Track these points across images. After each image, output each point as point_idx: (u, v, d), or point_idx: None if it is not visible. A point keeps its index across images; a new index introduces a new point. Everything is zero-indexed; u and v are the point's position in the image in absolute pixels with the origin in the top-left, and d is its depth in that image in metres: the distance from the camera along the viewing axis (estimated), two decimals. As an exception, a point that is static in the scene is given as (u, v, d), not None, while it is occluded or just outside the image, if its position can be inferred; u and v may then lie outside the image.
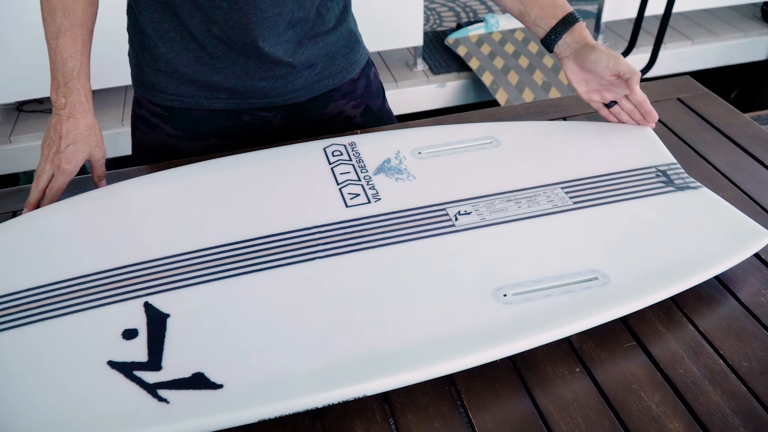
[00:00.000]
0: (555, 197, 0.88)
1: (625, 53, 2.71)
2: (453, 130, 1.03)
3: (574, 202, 0.87)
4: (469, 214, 0.85)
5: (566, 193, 0.88)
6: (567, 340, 0.75)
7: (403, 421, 0.68)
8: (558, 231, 0.83)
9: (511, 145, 0.98)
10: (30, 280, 0.78)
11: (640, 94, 0.99)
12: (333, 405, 0.68)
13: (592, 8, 2.99)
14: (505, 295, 0.74)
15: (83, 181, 1.03)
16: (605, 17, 2.77)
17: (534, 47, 2.71)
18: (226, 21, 0.97)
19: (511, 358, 0.73)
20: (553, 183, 0.90)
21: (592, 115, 1.13)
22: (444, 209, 0.86)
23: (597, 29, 2.80)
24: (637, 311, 0.75)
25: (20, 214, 0.96)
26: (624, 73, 0.96)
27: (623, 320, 0.77)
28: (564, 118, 1.13)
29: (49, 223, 0.88)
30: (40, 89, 2.54)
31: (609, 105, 1.02)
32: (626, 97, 1.00)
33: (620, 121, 1.03)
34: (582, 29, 1.00)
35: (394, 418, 0.69)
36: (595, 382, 0.71)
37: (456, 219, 0.85)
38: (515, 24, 2.83)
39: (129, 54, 1.10)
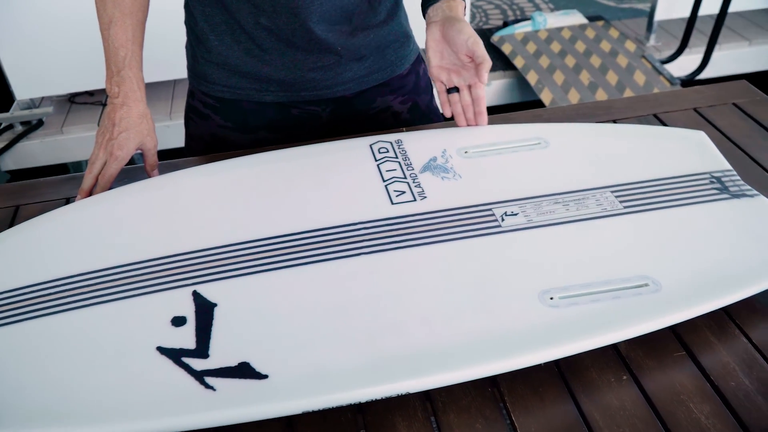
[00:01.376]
0: (605, 201, 0.86)
1: (677, 53, 2.66)
2: (500, 130, 1.02)
3: (625, 207, 0.85)
4: (515, 215, 0.85)
5: (616, 196, 0.87)
6: (614, 347, 0.74)
7: (444, 420, 0.68)
8: (607, 235, 0.82)
9: (560, 147, 0.97)
10: (84, 265, 0.80)
11: (481, 89, 0.98)
12: (375, 401, 0.68)
13: (644, 6, 2.94)
14: (551, 298, 0.73)
15: (135, 170, 1.06)
16: (658, 16, 2.71)
17: (581, 46, 2.67)
18: (274, 8, 0.98)
19: (556, 362, 0.72)
20: (602, 186, 0.89)
21: (644, 119, 1.11)
22: (490, 209, 0.86)
23: (649, 28, 2.75)
24: (687, 320, 0.74)
25: (73, 200, 0.99)
26: (478, 57, 0.94)
27: (673, 329, 0.75)
28: (614, 121, 1.11)
29: (102, 211, 0.90)
30: (92, 82, 2.60)
31: (450, 91, 1.00)
32: (469, 89, 0.99)
33: (452, 113, 1.01)
34: (460, 4, 0.99)
35: (435, 416, 0.69)
36: (643, 391, 0.70)
37: (502, 220, 0.84)
38: (563, 22, 2.79)
39: (186, 46, 1.12)
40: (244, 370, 0.67)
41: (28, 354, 0.71)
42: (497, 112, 1.10)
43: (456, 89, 1.00)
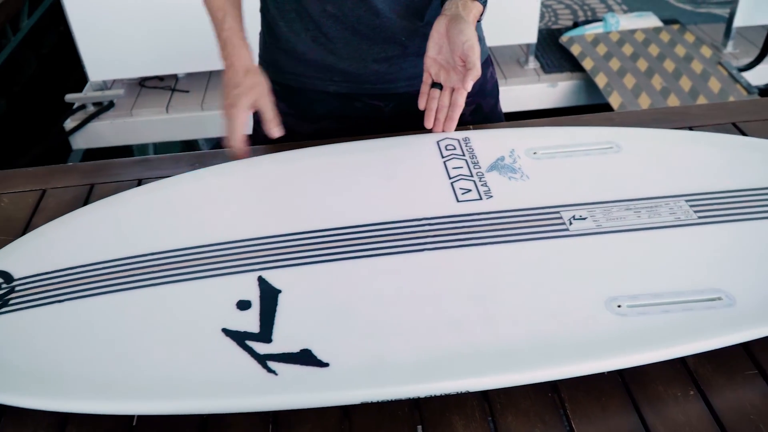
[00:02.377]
0: (678, 210, 0.84)
1: (756, 61, 2.56)
2: (571, 132, 1.00)
3: (699, 217, 0.83)
4: (584, 219, 0.83)
5: (690, 206, 0.84)
6: (682, 360, 0.71)
7: (502, 421, 0.67)
8: (680, 245, 0.79)
9: (632, 152, 0.94)
10: (155, 245, 0.82)
11: (462, 96, 0.96)
12: (433, 397, 0.68)
13: (723, 12, 2.84)
14: (619, 306, 0.72)
15: (205, 156, 1.08)
16: (737, 22, 2.62)
17: (655, 50, 2.60)
18: None
19: (620, 372, 0.71)
20: (676, 195, 0.86)
21: (722, 127, 1.08)
22: (558, 212, 0.84)
23: (727, 34, 2.66)
24: (762, 338, 0.71)
25: (145, 182, 1.01)
26: (469, 62, 0.91)
27: (745, 346, 0.72)
28: (690, 128, 1.08)
29: (174, 194, 0.92)
30: (161, 67, 2.67)
31: (434, 86, 0.98)
32: (451, 92, 0.97)
33: (425, 107, 0.99)
34: (477, 7, 0.97)
35: (493, 418, 0.68)
36: (710, 407, 0.67)
37: (570, 223, 0.82)
38: (636, 24, 2.72)
39: (259, 34, 1.14)
40: (306, 357, 0.68)
41: (98, 328, 0.73)
42: (562, 114, 1.08)
43: (439, 86, 0.98)
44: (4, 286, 0.80)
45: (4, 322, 0.76)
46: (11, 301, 0.78)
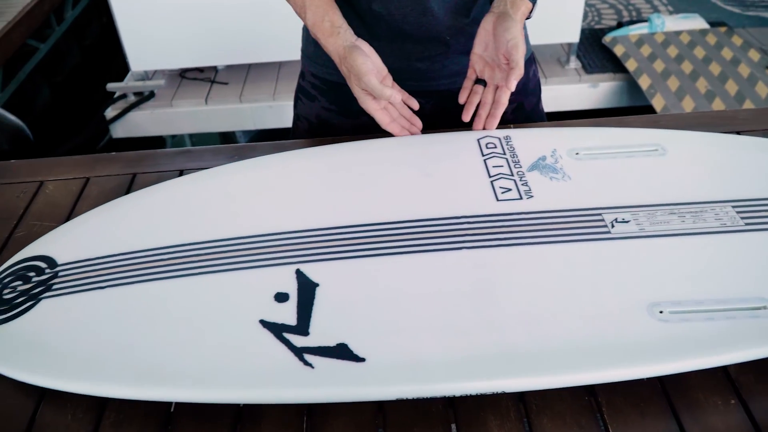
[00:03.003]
0: (724, 216, 0.82)
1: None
2: (614, 134, 0.99)
3: (746, 224, 0.81)
4: (627, 222, 0.82)
5: (737, 212, 0.82)
6: (723, 369, 0.70)
7: (537, 423, 0.67)
8: (725, 252, 0.78)
9: (678, 155, 0.93)
10: (195, 235, 0.83)
11: (506, 95, 0.96)
12: (468, 396, 0.68)
13: (769, 15, 2.77)
14: (661, 312, 0.70)
15: (244, 149, 1.09)
16: (785, 27, 2.55)
17: (700, 52, 2.54)
18: None
19: (660, 378, 0.70)
20: (723, 200, 0.84)
21: (771, 132, 1.05)
22: (600, 215, 0.83)
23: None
24: (808, 349, 0.69)
25: (187, 173, 1.03)
26: (512, 60, 0.92)
27: (790, 356, 0.71)
28: (738, 133, 1.05)
29: (214, 185, 0.93)
30: (201, 58, 2.71)
31: (478, 82, 0.99)
32: (494, 90, 0.97)
33: (465, 101, 1.00)
34: (526, 4, 0.96)
35: (528, 419, 0.67)
36: (752, 418, 0.66)
37: (612, 226, 0.81)
38: (682, 26, 2.67)
39: (303, 28, 1.15)
40: (342, 352, 0.68)
41: (138, 315, 0.75)
42: (602, 115, 1.07)
43: (483, 83, 0.99)
44: (47, 271, 0.82)
45: (46, 307, 0.77)
46: (54, 286, 0.80)
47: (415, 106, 1.00)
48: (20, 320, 0.76)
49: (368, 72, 0.94)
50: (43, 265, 0.83)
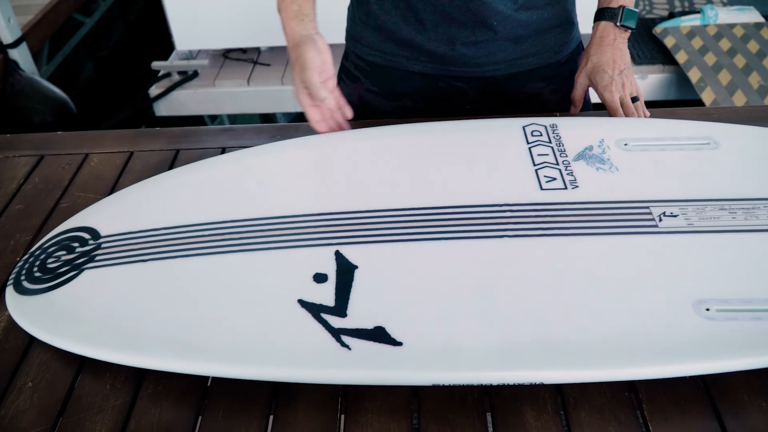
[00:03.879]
0: (777, 213, 0.79)
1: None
2: (665, 125, 0.96)
3: (801, 222, 0.78)
4: (675, 216, 0.79)
5: (792, 210, 0.79)
6: (769, 370, 0.68)
7: (575, 416, 0.66)
8: (777, 251, 0.75)
9: (731, 150, 0.90)
10: (236, 213, 0.83)
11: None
12: (505, 386, 0.67)
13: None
14: (707, 309, 0.68)
15: (287, 128, 1.09)
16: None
17: (754, 46, 2.46)
18: None
19: (702, 377, 0.68)
20: (776, 197, 0.81)
21: (830, 129, 1.01)
22: (647, 207, 0.81)
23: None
24: None
25: (229, 150, 1.03)
26: (573, 98, 1.06)
27: (843, 361, 0.68)
28: (794, 128, 1.01)
29: (256, 164, 0.93)
30: (245, 39, 2.72)
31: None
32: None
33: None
34: (596, 28, 1.03)
35: (565, 412, 0.66)
36: (799, 422, 0.64)
37: (660, 220, 0.79)
38: (736, 18, 2.58)
39: (348, 8, 1.14)
40: (379, 335, 0.67)
41: (178, 289, 0.75)
42: (649, 107, 1.04)
43: (635, 98, 1.01)
44: (91, 242, 0.83)
45: (89, 277, 0.78)
46: (97, 257, 0.81)
47: (349, 114, 0.98)
48: (63, 289, 0.77)
49: (313, 68, 0.92)
50: (86, 236, 0.84)
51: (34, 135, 1.14)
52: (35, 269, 0.81)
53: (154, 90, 2.75)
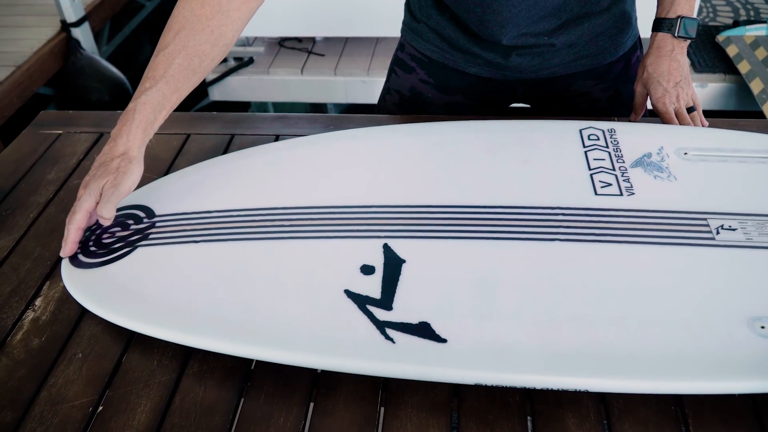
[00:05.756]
0: (843, 233, 0.76)
1: None
2: (728, 136, 0.93)
3: None
4: (733, 230, 0.77)
5: None
6: (827, 396, 0.66)
7: (619, 427, 0.64)
8: (841, 272, 0.72)
9: (796, 165, 0.87)
10: (287, 200, 0.84)
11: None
12: (549, 390, 0.66)
13: None
14: (762, 327, 0.66)
15: (339, 119, 1.09)
16: None
17: (821, 60, 2.38)
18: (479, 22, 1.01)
19: (752, 396, 0.66)
20: (843, 217, 0.78)
21: None
22: (705, 219, 0.79)
23: None
24: None
25: (282, 138, 1.04)
26: (635, 107, 1.04)
27: None
28: None
29: (309, 154, 0.94)
30: (301, 29, 2.74)
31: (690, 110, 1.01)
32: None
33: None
34: (653, 38, 1.01)
35: (609, 422, 0.65)
36: None
37: (717, 233, 0.77)
38: (804, 30, 2.50)
39: (405, 4, 1.14)
40: (424, 330, 0.67)
41: (227, 272, 0.76)
42: (708, 117, 1.02)
43: (692, 109, 1.01)
44: (145, 220, 0.85)
45: (142, 254, 0.80)
46: (151, 235, 0.82)
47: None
48: (116, 264, 0.79)
49: (117, 198, 0.79)
50: (141, 214, 0.86)
51: (94, 113, 1.17)
52: (91, 243, 0.83)
53: (209, 75, 2.79)
